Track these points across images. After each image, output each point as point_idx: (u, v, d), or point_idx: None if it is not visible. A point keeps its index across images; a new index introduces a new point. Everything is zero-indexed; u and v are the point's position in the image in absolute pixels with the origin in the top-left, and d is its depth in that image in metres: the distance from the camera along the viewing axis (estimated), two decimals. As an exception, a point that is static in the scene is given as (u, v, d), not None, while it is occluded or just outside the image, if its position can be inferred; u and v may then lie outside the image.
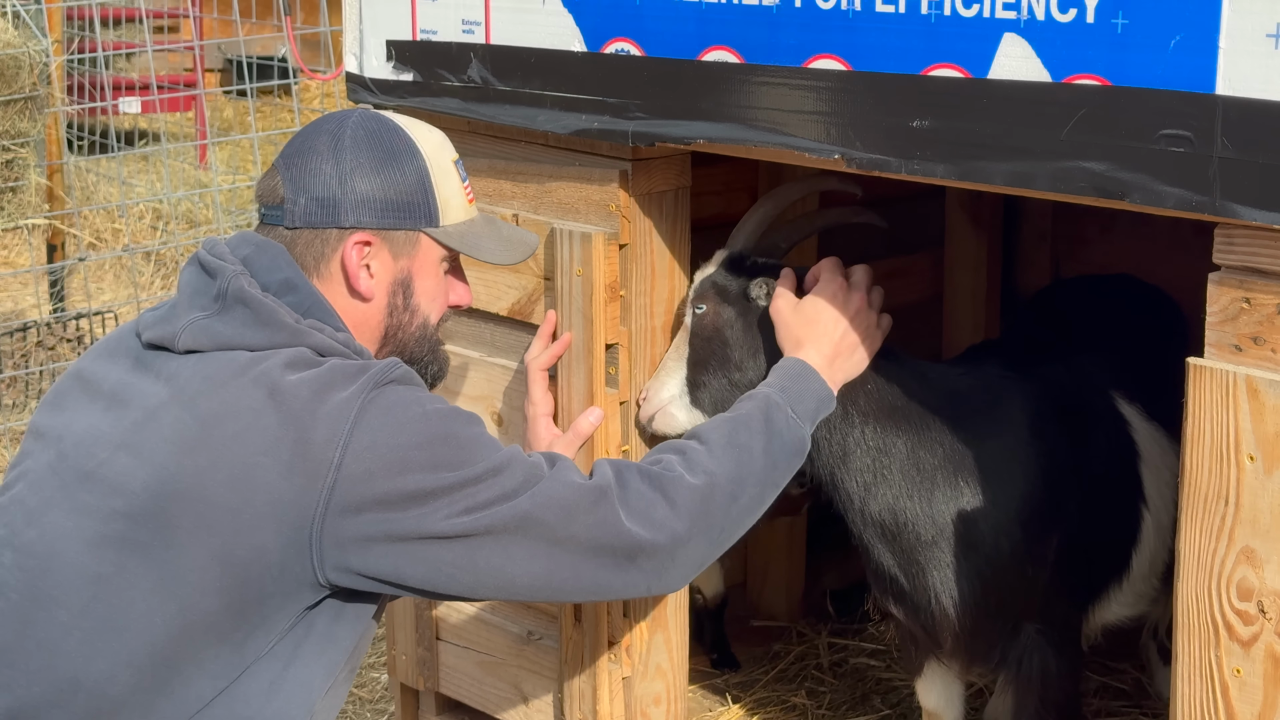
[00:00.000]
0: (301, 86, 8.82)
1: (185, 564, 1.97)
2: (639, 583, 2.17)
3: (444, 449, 2.03)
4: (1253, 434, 1.88)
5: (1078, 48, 1.97)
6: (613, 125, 2.52)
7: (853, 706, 3.41)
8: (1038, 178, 2.02)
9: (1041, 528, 2.67)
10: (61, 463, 2.06)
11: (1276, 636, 1.89)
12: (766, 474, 2.32)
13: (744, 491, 2.27)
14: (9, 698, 2.00)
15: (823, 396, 2.45)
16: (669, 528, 2.16)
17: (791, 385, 2.42)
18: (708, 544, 2.23)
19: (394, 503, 2.00)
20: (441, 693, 3.11)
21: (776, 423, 2.35)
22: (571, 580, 2.12)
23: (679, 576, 2.22)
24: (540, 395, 2.67)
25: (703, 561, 2.25)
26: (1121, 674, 3.46)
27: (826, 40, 2.23)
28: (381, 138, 2.20)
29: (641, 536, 2.13)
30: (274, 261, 2.14)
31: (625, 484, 2.17)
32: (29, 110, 5.98)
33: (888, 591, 2.75)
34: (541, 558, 2.08)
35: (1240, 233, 1.88)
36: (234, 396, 2.01)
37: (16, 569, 2.02)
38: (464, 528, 2.03)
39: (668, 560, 2.17)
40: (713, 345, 2.63)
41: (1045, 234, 3.91)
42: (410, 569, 2.04)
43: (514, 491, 2.06)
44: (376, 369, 2.06)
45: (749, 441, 2.31)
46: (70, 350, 6.03)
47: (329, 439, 1.98)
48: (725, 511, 2.24)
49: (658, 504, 2.17)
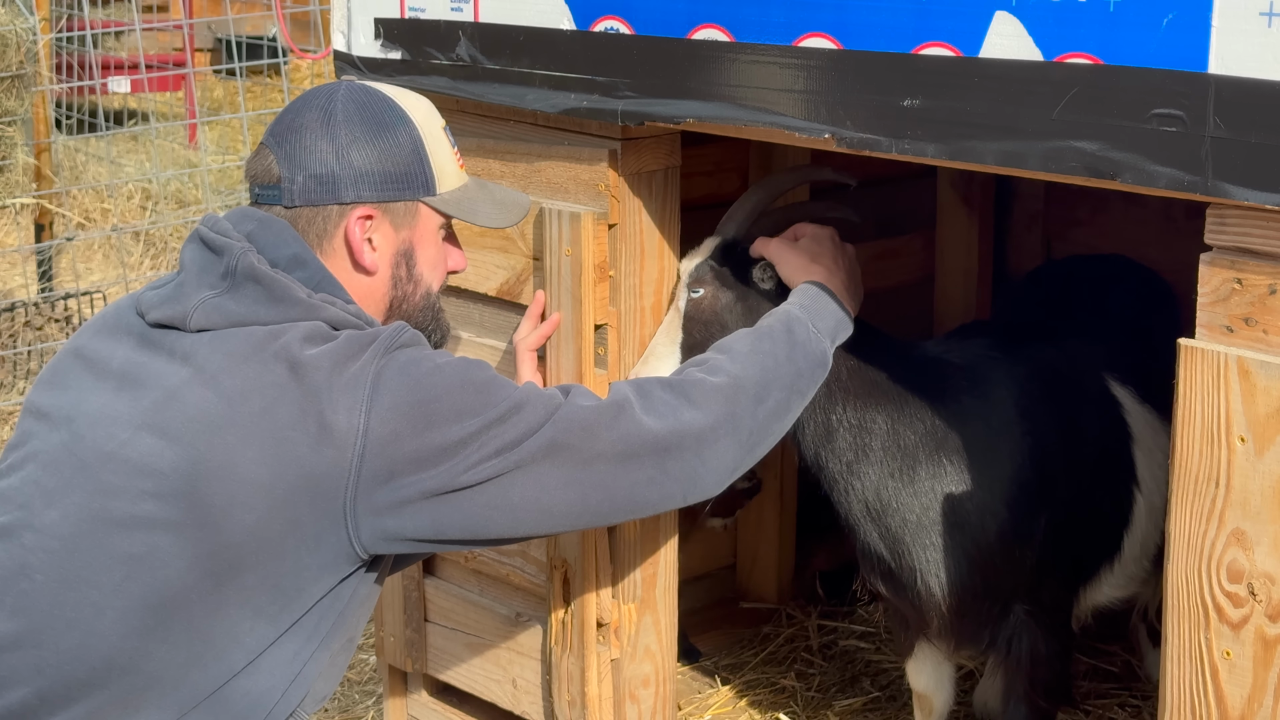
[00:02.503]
0: (291, 66, 8.79)
1: (220, 541, 1.98)
2: (673, 491, 2.19)
3: (463, 396, 2.06)
4: (1244, 415, 1.87)
5: (1070, 26, 1.96)
6: (602, 104, 2.51)
7: (842, 688, 3.41)
8: (1029, 157, 2.01)
9: (1029, 508, 2.67)
10: (77, 443, 2.05)
11: (1266, 619, 1.88)
12: (792, 380, 2.34)
13: (769, 394, 2.30)
14: (41, 680, 2.00)
15: (840, 318, 2.48)
16: (694, 424, 2.19)
17: (810, 304, 2.47)
18: (735, 444, 2.25)
19: (425, 458, 2.03)
20: (430, 674, 3.10)
21: (798, 334, 2.39)
22: (607, 500, 2.14)
23: (712, 480, 2.23)
24: (529, 375, 2.66)
25: (734, 464, 2.26)
26: (1111, 656, 3.47)
27: (817, 19, 2.21)
28: (372, 109, 2.19)
29: (666, 436, 2.16)
30: (280, 237, 2.13)
31: (646, 394, 2.21)
32: (16, 89, 5.95)
33: (875, 570, 2.77)
34: (575, 482, 2.11)
35: (1232, 213, 1.87)
36: (256, 373, 2.02)
37: (41, 550, 2.02)
38: (496, 469, 2.06)
39: (696, 460, 2.19)
40: (711, 329, 2.64)
41: (1037, 215, 3.90)
42: (450, 521, 2.07)
43: (537, 424, 2.09)
44: (385, 334, 2.09)
45: (772, 349, 2.35)
46: (58, 330, 6.01)
47: (351, 407, 2.00)
48: (751, 412, 2.26)
49: (680, 405, 2.21)
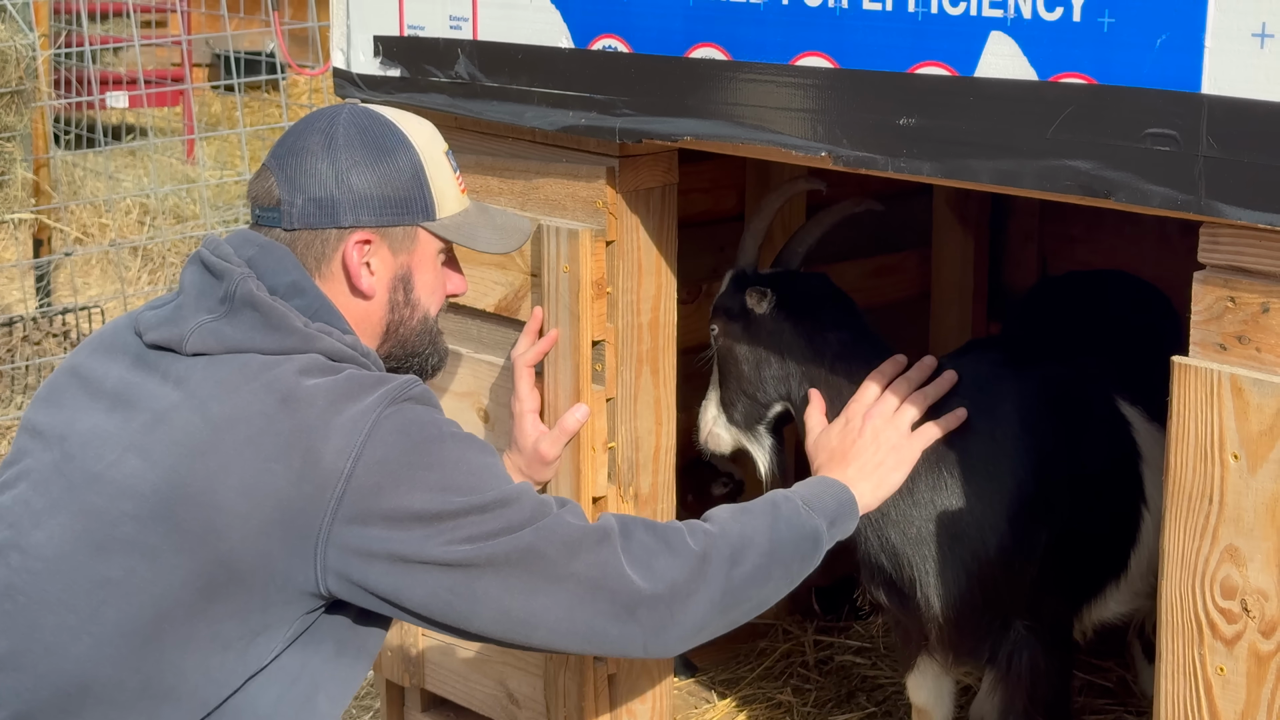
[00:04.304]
0: (289, 82, 8.80)
1: (193, 569, 1.95)
2: (636, 637, 2.10)
3: (455, 473, 2.01)
4: (1237, 433, 1.88)
5: (1064, 46, 1.97)
6: (600, 122, 2.52)
7: (839, 704, 3.41)
8: (1024, 176, 2.03)
9: (1030, 523, 2.68)
10: (67, 463, 2.03)
11: (1259, 635, 1.89)
12: (771, 548, 2.23)
13: (746, 559, 2.19)
14: (18, 702, 1.98)
15: (844, 500, 2.39)
16: (669, 578, 2.10)
17: (805, 489, 2.38)
18: (709, 606, 2.15)
19: (399, 520, 1.97)
20: (427, 689, 3.10)
21: (783, 509, 2.29)
22: (565, 621, 2.06)
23: (677, 638, 2.13)
24: (526, 392, 2.67)
25: (705, 626, 2.16)
26: (1106, 672, 3.47)
27: (813, 38, 2.23)
28: (374, 133, 2.19)
29: (642, 586, 2.08)
30: (280, 263, 2.12)
31: (629, 533, 2.13)
32: (15, 104, 5.97)
33: (876, 581, 2.77)
34: (540, 594, 2.04)
35: (1225, 232, 1.88)
36: (246, 401, 1.99)
37: (25, 571, 2.00)
38: (466, 555, 2.00)
39: (667, 616, 2.11)
40: (728, 365, 2.72)
41: (1032, 232, 3.91)
42: (409, 591, 2.00)
43: (520, 524, 2.03)
44: (395, 385, 2.04)
45: (752, 520, 2.25)
46: (56, 345, 6.02)
47: (341, 449, 1.96)
48: (727, 574, 2.16)
49: (660, 553, 2.12)
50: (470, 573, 2.00)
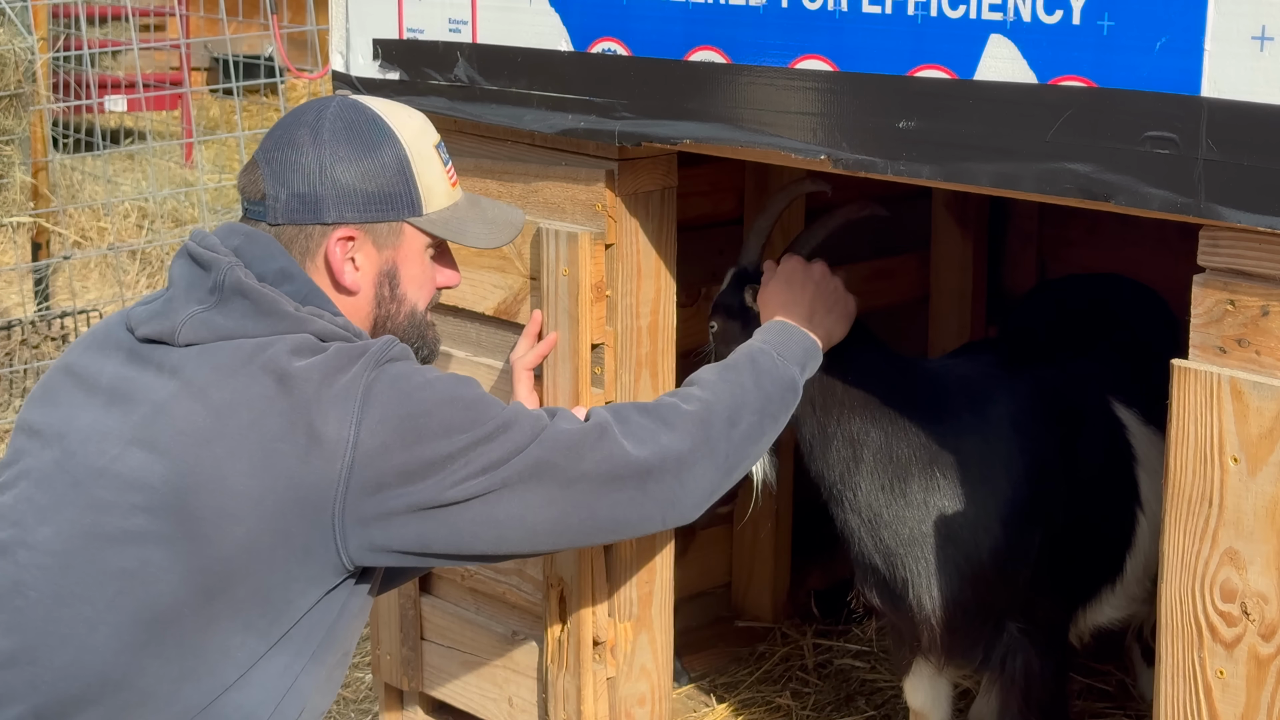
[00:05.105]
0: (288, 85, 8.80)
1: (211, 554, 1.98)
2: (654, 513, 2.22)
3: (452, 412, 2.08)
4: (1236, 436, 1.88)
5: (1064, 49, 1.97)
6: (599, 125, 2.52)
7: (837, 707, 3.41)
8: (1023, 179, 2.03)
9: (1023, 525, 2.68)
10: (69, 460, 2.05)
11: (1259, 638, 1.89)
12: (761, 404, 2.37)
13: (741, 417, 2.32)
14: (37, 696, 2.00)
15: (808, 346, 2.51)
16: (672, 449, 2.22)
17: (773, 337, 2.50)
18: (713, 468, 2.28)
19: (413, 472, 2.04)
20: (426, 693, 3.10)
21: (761, 362, 2.42)
22: (589, 519, 2.17)
23: (691, 503, 2.26)
24: (525, 395, 2.67)
25: (712, 487, 2.29)
26: (1105, 675, 3.47)
27: (813, 41, 2.23)
28: (359, 128, 2.19)
29: (647, 459, 2.19)
30: (267, 251, 2.14)
31: (624, 419, 2.24)
32: (14, 108, 5.97)
33: (869, 582, 2.78)
34: (559, 501, 2.13)
35: (1225, 235, 1.88)
36: (244, 385, 2.02)
37: (34, 567, 2.02)
38: (483, 486, 2.08)
39: (675, 484, 2.22)
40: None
41: (1031, 235, 3.91)
42: (436, 536, 2.08)
43: (524, 443, 2.11)
44: (376, 348, 2.10)
45: (738, 377, 2.38)
46: (55, 349, 6.01)
47: (341, 419, 2.01)
48: (725, 435, 2.29)
49: (658, 430, 2.23)
50: (489, 500, 2.09)
